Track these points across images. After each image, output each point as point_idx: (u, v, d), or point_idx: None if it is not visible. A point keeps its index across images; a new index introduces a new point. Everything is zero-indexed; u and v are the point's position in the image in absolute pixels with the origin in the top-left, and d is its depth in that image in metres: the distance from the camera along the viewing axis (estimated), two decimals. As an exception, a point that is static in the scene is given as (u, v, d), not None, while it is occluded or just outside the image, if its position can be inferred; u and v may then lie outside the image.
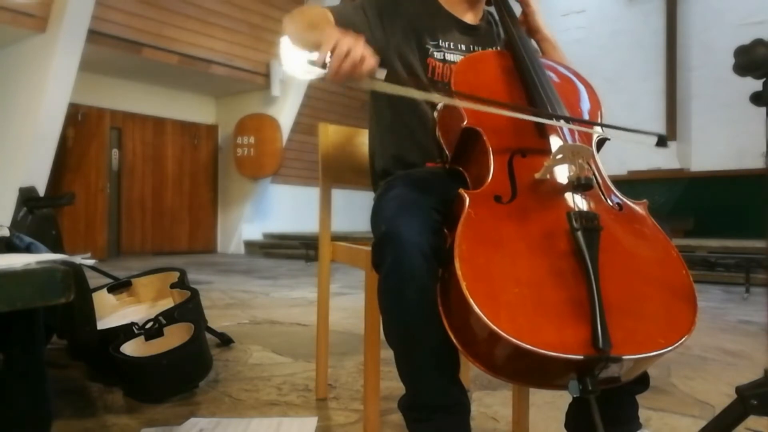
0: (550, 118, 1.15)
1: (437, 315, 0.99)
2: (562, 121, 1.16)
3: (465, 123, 1.13)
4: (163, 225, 8.48)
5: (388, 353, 1.12)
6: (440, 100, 1.24)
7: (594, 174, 1.11)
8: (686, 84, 7.59)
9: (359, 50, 1.05)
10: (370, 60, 1.07)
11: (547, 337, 0.85)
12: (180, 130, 8.68)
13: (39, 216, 3.73)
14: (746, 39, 0.85)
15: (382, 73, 1.08)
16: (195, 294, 2.19)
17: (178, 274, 2.41)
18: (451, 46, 1.41)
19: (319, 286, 1.72)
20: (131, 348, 1.81)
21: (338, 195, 1.98)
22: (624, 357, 0.85)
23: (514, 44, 1.30)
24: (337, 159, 1.68)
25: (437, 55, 1.38)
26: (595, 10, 8.37)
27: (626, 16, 8.12)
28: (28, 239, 1.40)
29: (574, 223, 0.96)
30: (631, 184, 7.33)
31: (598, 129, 1.23)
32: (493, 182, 1.07)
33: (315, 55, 1.08)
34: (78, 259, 0.99)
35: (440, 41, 1.40)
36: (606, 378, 0.88)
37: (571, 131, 1.18)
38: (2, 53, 6.20)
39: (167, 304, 2.25)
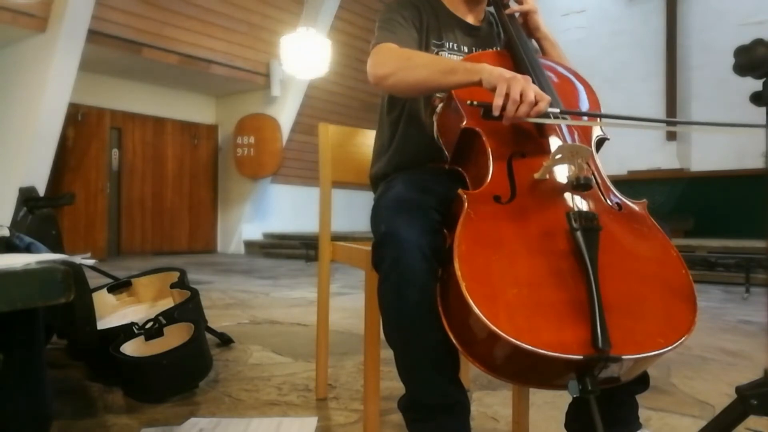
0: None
1: (437, 315, 0.99)
2: (561, 120, 1.16)
3: (464, 123, 1.13)
4: (163, 225, 8.47)
5: (388, 353, 1.12)
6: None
7: (593, 174, 1.11)
8: (686, 84, 7.59)
9: (532, 92, 1.05)
10: (545, 100, 1.06)
11: (547, 337, 0.85)
12: (180, 130, 8.68)
13: (39, 216, 3.72)
14: (746, 39, 0.85)
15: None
16: (195, 294, 2.19)
17: (178, 274, 2.41)
18: (455, 47, 1.41)
19: (319, 286, 1.72)
20: (131, 348, 1.81)
21: (338, 195, 1.98)
22: (624, 357, 0.85)
23: (513, 44, 1.30)
24: (337, 159, 1.68)
25: (441, 54, 1.38)
26: (595, 10, 8.36)
27: (626, 16, 8.12)
28: (28, 239, 1.40)
29: (573, 223, 0.96)
30: (631, 184, 7.33)
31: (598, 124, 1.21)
32: (493, 182, 1.07)
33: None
34: (78, 259, 0.99)
35: (444, 41, 1.40)
36: (606, 378, 0.88)
37: (570, 131, 1.18)
38: (2, 53, 6.20)
39: (167, 304, 2.25)
